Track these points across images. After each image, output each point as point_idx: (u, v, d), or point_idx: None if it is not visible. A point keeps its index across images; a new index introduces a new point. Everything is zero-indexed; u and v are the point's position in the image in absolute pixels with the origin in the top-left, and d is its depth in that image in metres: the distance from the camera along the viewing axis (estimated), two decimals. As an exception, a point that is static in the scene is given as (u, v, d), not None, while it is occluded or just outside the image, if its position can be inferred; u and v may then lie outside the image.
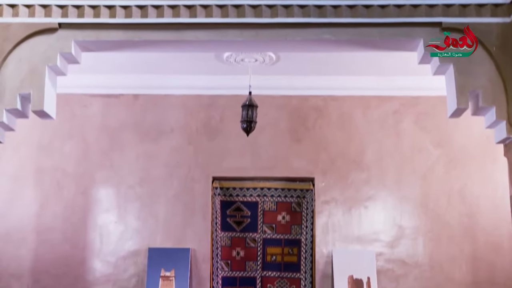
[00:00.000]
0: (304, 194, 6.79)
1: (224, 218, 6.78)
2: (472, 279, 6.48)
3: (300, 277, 6.68)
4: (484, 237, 6.54)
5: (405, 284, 6.52)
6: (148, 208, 6.72)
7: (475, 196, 6.60)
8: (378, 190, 6.70)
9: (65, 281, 6.56)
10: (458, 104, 4.41)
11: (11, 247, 6.61)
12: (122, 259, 6.63)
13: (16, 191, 6.72)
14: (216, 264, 6.64)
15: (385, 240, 6.61)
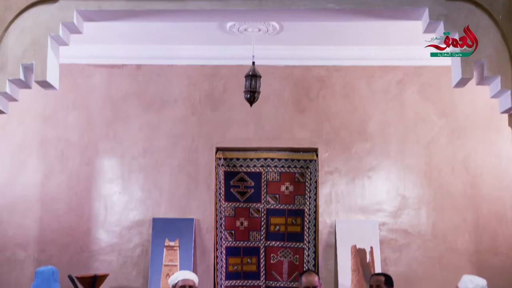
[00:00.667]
0: (307, 164, 6.80)
1: (228, 188, 6.80)
2: (474, 249, 6.51)
3: (303, 247, 6.72)
4: (487, 207, 6.56)
5: (408, 254, 6.56)
6: (152, 178, 6.74)
7: (478, 166, 6.60)
8: (381, 160, 6.71)
9: (70, 250, 6.62)
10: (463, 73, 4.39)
11: (17, 217, 6.66)
12: (127, 229, 6.67)
13: (21, 162, 6.75)
14: (220, 234, 6.68)
15: (388, 210, 6.64)
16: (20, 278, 6.50)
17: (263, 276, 6.73)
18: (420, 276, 6.49)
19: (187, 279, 5.38)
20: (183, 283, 5.36)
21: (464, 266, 6.29)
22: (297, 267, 6.67)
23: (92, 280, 5.98)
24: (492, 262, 6.42)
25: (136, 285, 6.58)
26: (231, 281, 6.67)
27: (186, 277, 5.39)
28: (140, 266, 6.61)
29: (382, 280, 5.17)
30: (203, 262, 6.58)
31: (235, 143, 6.76)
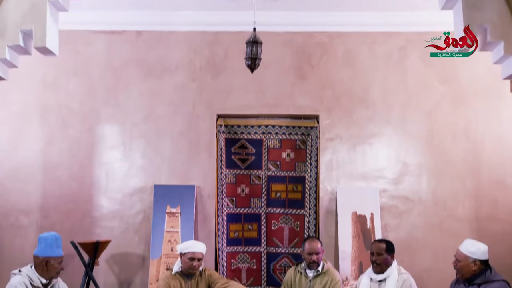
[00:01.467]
0: (308, 131, 6.79)
1: (229, 155, 6.81)
2: (474, 215, 6.55)
3: (304, 213, 6.75)
4: (487, 174, 6.57)
5: (408, 220, 6.59)
6: (153, 145, 6.75)
7: (479, 132, 6.59)
8: (382, 127, 6.70)
9: (73, 217, 6.66)
10: (465, 39, 4.35)
11: (19, 184, 6.68)
12: (128, 196, 6.70)
13: (22, 129, 6.75)
14: (221, 201, 6.71)
15: (389, 177, 6.65)
16: (23, 244, 6.55)
17: (264, 242, 6.78)
18: (420, 242, 6.53)
19: (197, 252, 5.43)
20: (192, 255, 5.42)
21: (464, 232, 6.32)
22: (298, 233, 6.71)
23: (95, 246, 6.02)
24: (492, 228, 6.46)
25: (138, 251, 6.64)
26: (232, 247, 6.72)
27: (195, 250, 5.44)
28: (142, 232, 6.66)
29: (383, 247, 5.18)
30: (204, 229, 6.62)
31: (236, 110, 6.75)
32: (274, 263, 6.74)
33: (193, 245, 5.50)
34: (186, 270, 5.44)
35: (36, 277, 4.51)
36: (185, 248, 5.47)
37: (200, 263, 5.47)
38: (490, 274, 4.57)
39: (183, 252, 5.46)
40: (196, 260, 5.42)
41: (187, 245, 5.52)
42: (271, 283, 6.71)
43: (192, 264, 5.40)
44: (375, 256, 5.19)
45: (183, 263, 5.44)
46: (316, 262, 5.53)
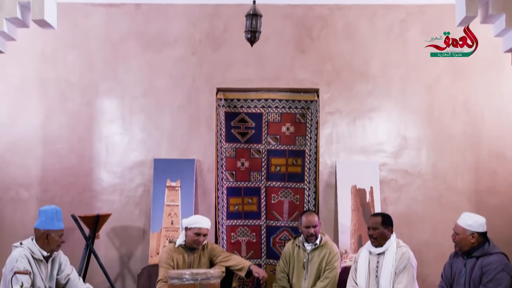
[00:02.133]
0: (308, 105, 6.78)
1: (229, 129, 6.81)
2: (474, 188, 6.57)
3: (304, 187, 6.76)
4: (487, 147, 6.57)
5: (407, 194, 6.62)
6: (153, 119, 6.74)
7: (480, 106, 6.58)
8: (382, 100, 6.69)
9: (73, 190, 6.68)
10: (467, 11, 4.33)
11: (19, 157, 6.69)
12: (128, 169, 6.71)
13: (21, 102, 6.73)
14: (221, 175, 6.72)
15: (388, 150, 6.66)
16: (24, 217, 6.58)
17: (264, 216, 6.80)
18: (420, 215, 6.56)
19: (203, 228, 5.51)
20: (198, 231, 5.47)
21: (463, 206, 6.35)
22: (298, 207, 6.74)
23: (95, 219, 6.05)
24: (491, 201, 6.48)
25: (138, 224, 6.67)
26: (232, 221, 6.75)
27: (202, 225, 5.51)
28: (142, 206, 6.68)
29: (379, 221, 5.20)
30: (204, 202, 6.64)
31: (236, 83, 6.73)
32: (273, 237, 6.78)
33: (200, 221, 5.54)
34: (190, 245, 5.48)
35: (37, 250, 4.54)
36: (191, 223, 5.50)
37: (205, 238, 5.52)
38: (489, 246, 4.61)
39: (189, 227, 5.50)
40: (202, 236, 5.47)
41: (194, 220, 5.55)
42: (271, 256, 6.75)
43: (198, 239, 5.45)
44: (371, 230, 5.23)
45: (188, 238, 5.48)
46: (314, 235, 5.57)
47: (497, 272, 4.46)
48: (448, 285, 4.74)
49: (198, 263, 5.51)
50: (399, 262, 5.07)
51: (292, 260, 5.70)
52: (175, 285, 4.92)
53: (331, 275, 5.48)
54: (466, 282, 4.60)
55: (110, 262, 6.49)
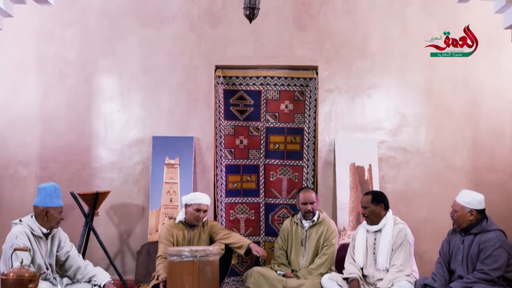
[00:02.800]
0: (307, 82, 6.76)
1: (227, 107, 6.79)
2: (472, 165, 6.57)
3: (302, 164, 6.77)
4: (486, 124, 6.57)
5: (406, 171, 6.63)
6: (152, 96, 6.72)
7: (479, 83, 6.55)
8: (382, 78, 6.67)
9: (72, 168, 6.68)
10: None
11: (17, 135, 6.68)
12: (127, 147, 6.71)
13: (19, 80, 6.71)
14: (219, 152, 6.72)
15: (387, 128, 6.65)
16: (23, 194, 6.59)
17: (263, 193, 6.82)
18: (418, 192, 6.58)
19: (203, 204, 5.54)
20: (198, 207, 5.50)
21: (461, 183, 6.36)
22: (296, 184, 6.74)
23: (94, 197, 6.06)
24: (489, 179, 6.50)
25: (137, 202, 6.69)
26: (231, 198, 6.77)
27: (202, 202, 5.54)
28: (141, 183, 6.69)
29: (369, 200, 5.21)
30: (203, 180, 6.65)
31: (235, 61, 6.70)
32: (272, 214, 6.80)
33: (200, 197, 5.57)
34: (190, 221, 5.50)
35: (37, 227, 4.56)
36: (191, 200, 5.52)
37: (205, 214, 5.54)
38: (486, 223, 4.63)
39: (189, 203, 5.52)
40: (202, 212, 5.49)
41: (193, 196, 5.58)
42: (269, 233, 6.78)
43: (198, 215, 5.47)
44: (363, 209, 5.28)
45: (188, 214, 5.50)
46: (312, 212, 5.59)
47: (494, 249, 4.48)
48: (445, 261, 4.77)
49: (198, 239, 5.54)
50: (396, 239, 5.10)
51: (290, 237, 5.72)
52: (174, 262, 4.94)
53: (329, 252, 5.51)
54: (463, 259, 4.63)
55: (109, 239, 6.52)
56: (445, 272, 4.71)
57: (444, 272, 4.71)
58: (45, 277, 4.51)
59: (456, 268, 4.66)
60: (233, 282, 6.56)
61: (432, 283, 4.62)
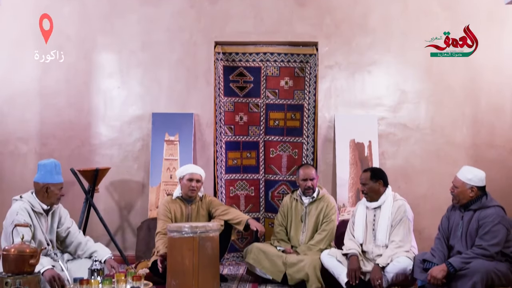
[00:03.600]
0: (307, 59, 6.73)
1: (227, 83, 6.77)
2: (472, 142, 6.58)
3: (302, 141, 6.77)
4: (486, 100, 6.56)
5: (406, 148, 6.63)
6: (151, 73, 6.70)
7: (479, 59, 6.51)
8: (382, 54, 6.64)
9: (72, 144, 6.69)
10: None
11: (17, 111, 6.68)
12: (127, 123, 6.71)
13: (18, 56, 6.68)
14: (219, 129, 6.72)
15: (387, 104, 6.64)
16: (23, 170, 6.61)
17: (262, 170, 6.83)
18: (418, 169, 6.59)
19: (195, 173, 5.50)
20: (190, 176, 5.48)
21: (461, 159, 6.37)
22: (296, 161, 6.75)
23: (94, 173, 6.07)
24: (489, 155, 6.51)
25: (137, 178, 6.70)
26: (231, 175, 6.78)
27: (193, 171, 5.52)
28: (141, 160, 6.70)
29: (368, 176, 5.20)
30: (203, 156, 6.66)
31: (234, 37, 6.67)
32: (272, 190, 6.81)
33: (190, 167, 5.60)
34: (186, 194, 5.50)
35: (37, 203, 4.57)
36: (183, 172, 5.53)
37: (199, 185, 5.51)
38: (486, 200, 4.63)
39: (181, 176, 5.52)
40: (195, 181, 5.47)
41: (184, 168, 5.60)
42: (269, 210, 6.80)
43: (191, 185, 5.45)
44: (362, 186, 5.27)
45: (183, 187, 5.50)
46: (311, 188, 5.59)
47: (493, 225, 4.49)
48: (445, 237, 4.78)
49: (196, 215, 5.54)
50: (395, 215, 5.12)
51: (290, 213, 5.74)
52: (174, 238, 4.96)
53: (328, 228, 5.53)
54: (462, 235, 4.65)
55: (109, 216, 6.55)
56: (444, 248, 4.73)
57: (443, 247, 4.73)
58: (46, 253, 4.53)
59: (455, 244, 4.68)
60: (233, 258, 6.61)
61: (431, 258, 4.64)
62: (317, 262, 5.20)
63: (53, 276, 4.17)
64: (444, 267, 4.45)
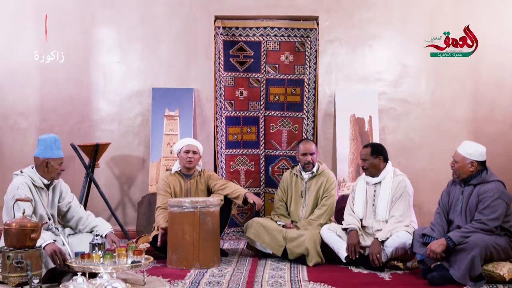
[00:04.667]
0: (307, 33, 6.69)
1: (227, 58, 6.74)
2: (472, 116, 6.57)
3: (302, 116, 6.76)
4: (487, 74, 6.54)
5: (406, 123, 6.63)
6: (151, 48, 6.67)
7: (481, 33, 6.48)
8: (383, 28, 6.60)
9: (72, 120, 6.68)
10: None
11: (16, 86, 6.66)
12: (127, 98, 6.70)
13: (16, 31, 6.64)
14: (219, 104, 6.70)
15: (388, 79, 6.63)
16: (23, 145, 6.61)
17: (263, 145, 6.83)
18: (418, 144, 6.60)
19: (191, 145, 5.50)
20: (187, 148, 5.47)
21: (461, 134, 6.37)
22: (296, 136, 6.75)
23: (94, 148, 6.08)
24: (489, 130, 6.51)
25: (137, 153, 6.71)
26: (231, 150, 6.78)
27: (190, 143, 5.53)
28: (141, 135, 6.71)
29: (368, 152, 5.19)
30: (203, 132, 6.66)
31: (234, 11, 6.63)
32: (272, 165, 6.82)
33: (187, 140, 5.61)
34: (184, 167, 5.50)
35: (38, 178, 4.56)
36: (179, 145, 5.54)
37: (196, 156, 5.48)
38: (486, 174, 4.63)
39: (178, 149, 5.52)
40: (191, 152, 5.45)
41: (180, 141, 5.62)
42: (269, 185, 6.82)
43: (188, 156, 5.43)
44: (362, 162, 5.26)
45: (181, 160, 5.50)
46: (311, 163, 5.58)
47: (493, 200, 4.50)
48: (444, 212, 4.80)
49: (196, 189, 5.55)
50: (395, 191, 5.12)
51: (290, 188, 5.74)
52: (175, 212, 4.98)
53: (328, 203, 5.54)
54: (462, 209, 4.66)
55: (110, 191, 6.57)
56: (443, 222, 4.74)
57: (442, 222, 4.74)
58: (47, 228, 4.54)
59: (454, 218, 4.70)
60: (233, 233, 6.64)
61: (431, 233, 4.66)
62: (317, 236, 5.22)
63: (54, 250, 4.19)
64: (443, 241, 4.46)
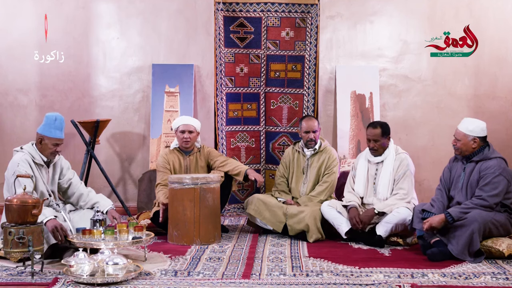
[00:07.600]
0: (308, 9, 6.64)
1: (227, 34, 6.69)
2: (473, 93, 6.56)
3: (303, 92, 6.74)
4: (489, 50, 6.51)
5: (407, 99, 6.62)
6: (150, 23, 6.64)
7: (483, 9, 6.45)
8: (384, 4, 6.57)
9: (72, 96, 6.67)
10: None
11: (16, 62, 6.64)
12: (127, 75, 6.68)
13: (15, 6, 6.60)
14: (220, 80, 6.67)
15: (389, 55, 6.60)
16: (24, 122, 6.62)
17: (263, 122, 6.82)
18: (418, 120, 6.60)
19: (187, 125, 5.42)
20: (183, 128, 5.42)
21: (462, 111, 6.37)
22: (297, 112, 6.73)
23: (95, 125, 6.07)
24: (490, 106, 6.50)
25: (138, 130, 6.71)
26: (232, 126, 6.77)
27: (186, 122, 5.44)
28: (141, 111, 6.70)
29: (379, 133, 5.11)
30: (203, 108, 6.65)
31: (234, -14, 6.58)
32: (273, 142, 6.81)
33: (182, 119, 5.52)
34: (182, 146, 5.49)
35: (37, 154, 4.55)
36: (176, 123, 5.48)
37: (192, 135, 5.43)
38: (488, 151, 4.63)
39: (175, 128, 5.48)
40: (187, 132, 5.39)
41: (177, 119, 5.55)
42: (269, 161, 6.82)
43: (183, 136, 5.39)
44: (372, 143, 5.16)
45: (177, 139, 5.49)
46: (314, 140, 5.57)
47: (494, 176, 4.50)
48: (445, 188, 4.80)
49: (195, 166, 5.54)
50: (398, 169, 5.11)
51: (291, 165, 5.74)
52: (176, 189, 4.99)
53: (329, 180, 5.54)
54: (463, 186, 4.66)
55: (111, 167, 6.59)
56: (444, 198, 4.75)
57: (443, 198, 4.75)
58: (48, 204, 4.55)
59: (455, 194, 4.70)
60: (233, 209, 6.66)
61: (430, 208, 4.67)
62: (318, 213, 5.23)
63: (55, 226, 4.20)
64: (443, 217, 4.47)
